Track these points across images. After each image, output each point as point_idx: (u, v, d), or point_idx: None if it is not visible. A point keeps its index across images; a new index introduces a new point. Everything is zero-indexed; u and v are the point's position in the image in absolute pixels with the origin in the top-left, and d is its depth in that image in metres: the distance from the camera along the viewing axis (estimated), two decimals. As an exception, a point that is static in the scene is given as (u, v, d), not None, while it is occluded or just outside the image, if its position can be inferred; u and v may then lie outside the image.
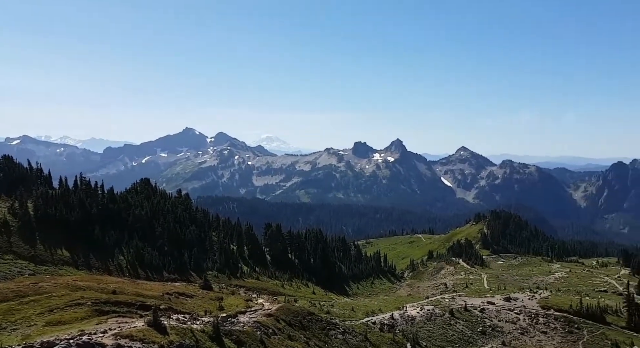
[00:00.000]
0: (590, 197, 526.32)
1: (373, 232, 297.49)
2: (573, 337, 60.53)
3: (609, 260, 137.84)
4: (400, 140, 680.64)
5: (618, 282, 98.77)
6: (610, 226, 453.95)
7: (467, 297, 74.46)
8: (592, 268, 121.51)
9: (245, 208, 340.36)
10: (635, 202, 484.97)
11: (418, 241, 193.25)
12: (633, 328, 65.53)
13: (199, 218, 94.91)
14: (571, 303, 68.15)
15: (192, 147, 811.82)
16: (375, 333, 50.37)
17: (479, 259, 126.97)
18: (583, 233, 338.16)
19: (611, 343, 58.68)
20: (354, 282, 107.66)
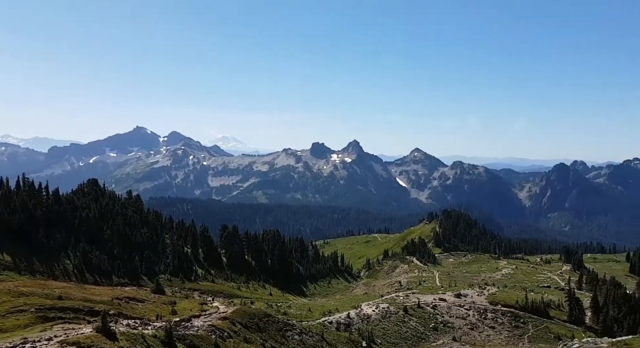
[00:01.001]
0: (535, 197, 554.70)
1: (331, 232, 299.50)
2: (519, 331, 63.64)
3: (552, 257, 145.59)
4: (357, 141, 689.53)
5: (560, 277, 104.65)
6: (553, 224, 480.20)
7: (420, 294, 76.55)
8: (536, 265, 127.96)
9: (201, 210, 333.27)
10: (575, 201, 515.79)
11: (374, 240, 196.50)
12: (574, 322, 69.69)
13: (150, 221, 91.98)
14: (517, 299, 71.58)
15: (143, 146, 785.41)
16: (332, 333, 50.83)
17: (432, 257, 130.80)
18: (528, 232, 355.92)
19: (554, 336, 62.07)
20: (311, 283, 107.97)
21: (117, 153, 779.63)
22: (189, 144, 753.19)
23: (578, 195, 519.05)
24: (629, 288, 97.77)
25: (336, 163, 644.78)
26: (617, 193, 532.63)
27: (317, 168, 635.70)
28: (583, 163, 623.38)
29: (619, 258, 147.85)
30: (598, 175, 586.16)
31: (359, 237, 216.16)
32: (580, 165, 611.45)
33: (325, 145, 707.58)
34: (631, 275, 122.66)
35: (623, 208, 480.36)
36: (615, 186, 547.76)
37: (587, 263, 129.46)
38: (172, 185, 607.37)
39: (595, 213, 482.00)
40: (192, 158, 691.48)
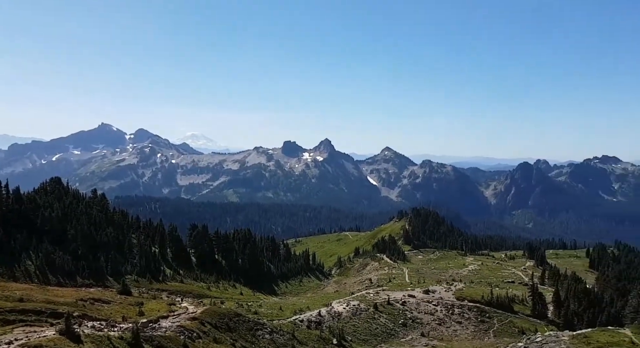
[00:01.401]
0: (500, 195, 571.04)
1: (302, 230, 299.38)
2: (485, 325, 65.47)
3: (516, 253, 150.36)
4: (329, 140, 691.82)
5: (524, 273, 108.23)
6: (517, 221, 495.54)
7: (390, 291, 77.61)
8: (501, 260, 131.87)
9: (169, 209, 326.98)
10: (538, 199, 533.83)
11: (345, 238, 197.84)
12: (537, 316, 72.23)
13: (116, 220, 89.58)
14: (483, 294, 73.58)
15: (109, 144, 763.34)
16: (303, 331, 50.93)
17: (401, 254, 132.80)
18: (493, 229, 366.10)
19: (518, 330, 64.14)
20: (282, 281, 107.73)
21: (82, 151, 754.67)
22: (157, 142, 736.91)
23: (541, 193, 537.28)
24: (589, 283, 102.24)
25: (308, 161, 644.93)
26: (577, 191, 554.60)
27: (288, 166, 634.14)
28: (546, 162, 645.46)
29: (579, 254, 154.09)
30: (560, 174, 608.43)
31: (330, 236, 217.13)
32: (543, 164, 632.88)
33: (297, 144, 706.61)
34: (591, 270, 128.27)
35: (583, 205, 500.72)
36: (576, 184, 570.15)
37: (550, 259, 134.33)
38: (139, 184, 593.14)
39: (557, 211, 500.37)
40: (160, 156, 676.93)
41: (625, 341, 36.01)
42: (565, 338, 38.17)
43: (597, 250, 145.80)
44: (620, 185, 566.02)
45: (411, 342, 54.64)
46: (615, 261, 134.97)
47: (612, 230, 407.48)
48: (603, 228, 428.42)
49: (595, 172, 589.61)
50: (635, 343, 35.85)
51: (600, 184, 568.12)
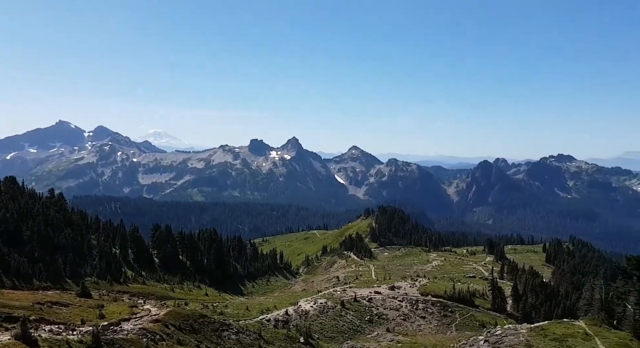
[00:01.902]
0: (461, 192, 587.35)
1: (270, 229, 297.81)
2: (447, 320, 67.21)
3: (477, 249, 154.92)
4: (297, 139, 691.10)
5: (484, 268, 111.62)
6: (478, 218, 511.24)
7: (357, 288, 78.41)
8: (463, 256, 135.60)
9: (130, 209, 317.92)
10: (498, 196, 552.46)
11: (313, 237, 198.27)
12: (496, 310, 74.71)
13: (75, 221, 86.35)
14: (446, 289, 75.48)
15: (66, 142, 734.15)
16: (270, 331, 50.74)
17: (368, 252, 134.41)
18: (455, 225, 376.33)
19: (479, 324, 66.13)
20: (249, 281, 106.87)
21: (38, 149, 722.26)
22: (117, 139, 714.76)
23: (500, 190, 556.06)
24: (545, 277, 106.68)
25: (275, 160, 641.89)
26: (534, 188, 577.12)
27: (255, 165, 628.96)
28: (504, 160, 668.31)
29: (536, 249, 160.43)
30: (517, 172, 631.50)
31: (298, 234, 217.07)
32: (502, 162, 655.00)
33: (264, 142, 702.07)
34: (547, 264, 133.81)
35: (540, 202, 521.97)
36: (533, 182, 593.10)
37: (508, 254, 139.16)
38: (99, 183, 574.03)
39: (515, 207, 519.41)
40: (120, 154, 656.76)
41: (580, 333, 37.79)
42: (524, 330, 39.69)
43: (553, 246, 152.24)
44: (575, 183, 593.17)
45: (377, 337, 55.45)
46: (570, 256, 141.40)
47: (567, 226, 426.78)
48: (558, 224, 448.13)
49: (551, 170, 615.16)
50: (588, 334, 37.65)
51: (556, 182, 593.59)
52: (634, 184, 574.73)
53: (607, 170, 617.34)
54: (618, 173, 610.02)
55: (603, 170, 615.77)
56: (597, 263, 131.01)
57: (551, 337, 36.60)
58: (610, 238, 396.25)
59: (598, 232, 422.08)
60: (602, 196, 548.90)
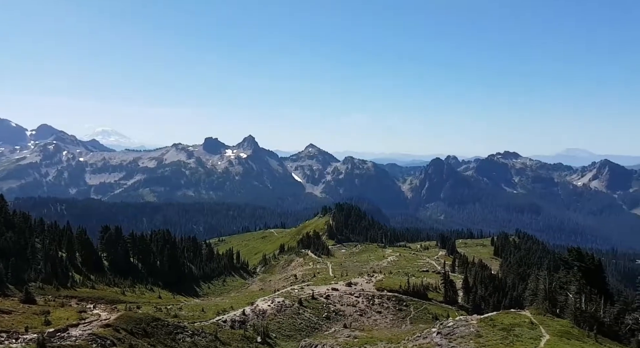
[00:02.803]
0: (415, 189, 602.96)
1: (226, 229, 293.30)
2: (402, 313, 68.88)
3: (430, 244, 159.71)
4: (253, 137, 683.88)
5: (437, 262, 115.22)
6: (431, 214, 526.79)
7: (314, 285, 78.79)
8: (417, 251, 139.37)
9: (77, 211, 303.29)
10: (449, 192, 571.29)
11: (270, 236, 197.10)
12: (448, 302, 77.33)
13: (17, 223, 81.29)
14: (401, 284, 77.31)
15: (7, 141, 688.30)
16: (226, 332, 50.03)
17: (325, 249, 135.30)
18: (410, 221, 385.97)
19: (432, 316, 68.22)
20: (205, 282, 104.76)
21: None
22: (62, 138, 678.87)
23: (451, 186, 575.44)
24: (494, 269, 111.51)
25: (231, 159, 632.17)
26: (483, 184, 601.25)
27: (210, 164, 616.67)
28: (455, 157, 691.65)
29: (485, 242, 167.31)
30: (467, 169, 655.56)
31: (255, 233, 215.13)
32: (453, 159, 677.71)
33: (219, 141, 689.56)
34: (495, 257, 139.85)
35: (488, 197, 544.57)
36: (481, 178, 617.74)
37: (459, 248, 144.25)
38: (43, 184, 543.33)
39: (466, 203, 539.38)
40: (65, 154, 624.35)
41: (526, 322, 39.80)
42: (474, 321, 41.31)
43: (500, 239, 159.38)
44: (520, 178, 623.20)
45: (334, 334, 55.96)
46: (516, 248, 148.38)
47: (513, 220, 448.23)
48: (505, 218, 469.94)
49: (498, 167, 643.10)
50: (534, 323, 39.74)
51: (503, 178, 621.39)
52: (574, 179, 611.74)
53: (550, 166, 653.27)
54: (559, 169, 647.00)
55: (546, 166, 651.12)
56: (541, 255, 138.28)
57: (499, 327, 38.33)
58: (553, 231, 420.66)
59: (542, 225, 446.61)
60: (545, 191, 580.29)
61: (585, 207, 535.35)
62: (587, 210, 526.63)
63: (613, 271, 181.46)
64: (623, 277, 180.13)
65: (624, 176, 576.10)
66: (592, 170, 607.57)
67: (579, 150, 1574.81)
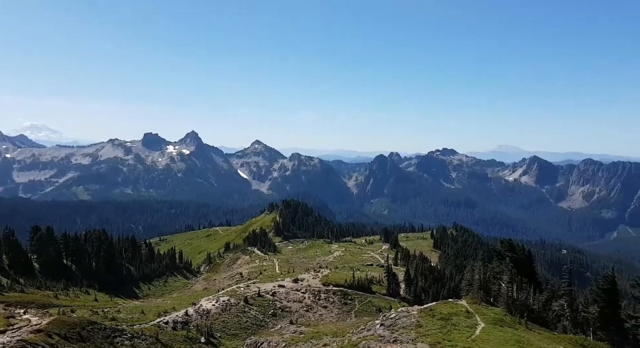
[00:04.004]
0: (360, 185, 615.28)
1: (168, 228, 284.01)
2: (347, 307, 70.08)
3: (374, 238, 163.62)
4: (196, 133, 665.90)
5: (380, 256, 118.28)
6: (375, 209, 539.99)
7: (261, 283, 78.19)
8: (361, 246, 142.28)
9: (4, 210, 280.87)
10: (392, 188, 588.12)
11: (215, 234, 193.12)
12: (391, 294, 79.62)
13: None
14: (346, 278, 78.62)
15: None
16: (168, 333, 48.52)
17: (272, 246, 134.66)
18: (355, 216, 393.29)
19: (376, 309, 69.94)
20: (145, 283, 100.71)
21: None
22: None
23: (394, 182, 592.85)
24: (433, 261, 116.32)
25: (173, 155, 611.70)
26: (423, 180, 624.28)
27: (150, 160, 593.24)
28: (397, 154, 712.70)
29: (425, 236, 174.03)
30: (409, 165, 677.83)
31: (199, 232, 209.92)
32: (396, 156, 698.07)
33: (160, 136, 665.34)
34: (435, 249, 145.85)
35: (428, 192, 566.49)
36: (422, 174, 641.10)
37: (402, 241, 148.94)
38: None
39: (407, 198, 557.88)
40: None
41: (462, 311, 41.77)
42: (415, 312, 42.78)
43: (439, 232, 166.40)
44: (457, 174, 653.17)
45: (280, 330, 55.88)
46: (454, 241, 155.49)
47: (451, 214, 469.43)
48: (444, 212, 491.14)
49: (437, 163, 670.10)
50: (470, 312, 41.79)
51: (441, 173, 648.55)
52: (505, 175, 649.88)
53: (484, 162, 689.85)
54: (492, 165, 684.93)
55: (480, 162, 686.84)
56: (476, 247, 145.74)
57: (438, 317, 39.96)
58: (487, 224, 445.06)
59: (477, 218, 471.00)
60: (479, 186, 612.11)
61: (516, 200, 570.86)
62: (518, 203, 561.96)
63: (541, 261, 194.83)
64: (550, 266, 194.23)
65: (551, 171, 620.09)
66: (522, 166, 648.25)
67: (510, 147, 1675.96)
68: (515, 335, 34.87)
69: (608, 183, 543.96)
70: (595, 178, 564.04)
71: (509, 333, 35.04)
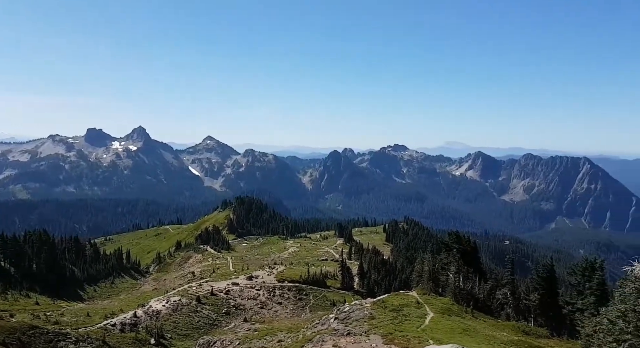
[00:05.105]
0: (315, 181, 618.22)
1: (114, 227, 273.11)
2: (302, 302, 70.43)
3: (329, 233, 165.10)
4: (144, 128, 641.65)
5: (335, 250, 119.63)
6: (330, 204, 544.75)
7: (214, 281, 76.95)
8: (316, 241, 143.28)
9: None
10: (346, 183, 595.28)
11: (165, 233, 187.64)
12: (345, 288, 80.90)
13: None
14: (301, 274, 78.96)
15: None
16: (116, 336, 46.77)
17: (226, 244, 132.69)
18: (310, 212, 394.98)
19: (330, 303, 70.80)
20: (90, 285, 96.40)
21: None
22: None
23: (348, 178, 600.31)
24: (386, 255, 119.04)
25: (119, 151, 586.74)
26: (376, 175, 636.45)
27: (94, 157, 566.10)
28: (351, 150, 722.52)
29: (378, 230, 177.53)
30: (362, 161, 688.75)
31: (148, 231, 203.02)
32: (349, 152, 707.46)
33: (105, 132, 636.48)
34: (387, 243, 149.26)
35: (381, 187, 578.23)
36: (375, 169, 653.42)
37: (355, 236, 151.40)
38: None
39: (361, 193, 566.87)
40: None
41: (413, 302, 43.08)
42: (368, 305, 43.63)
43: (391, 226, 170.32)
44: (407, 170, 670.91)
45: (234, 328, 55.30)
46: (405, 234, 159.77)
47: (402, 208, 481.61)
48: (395, 207, 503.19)
49: (388, 159, 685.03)
50: (420, 302, 43.17)
51: (393, 169, 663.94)
52: (452, 169, 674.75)
53: (432, 157, 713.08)
54: (440, 160, 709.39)
55: (429, 157, 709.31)
56: (426, 240, 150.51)
57: (390, 308, 40.98)
58: (436, 217, 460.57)
59: (426, 212, 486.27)
60: (428, 181, 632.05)
61: (462, 194, 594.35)
62: (464, 197, 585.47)
63: (486, 251, 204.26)
64: (494, 256, 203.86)
65: (494, 166, 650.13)
66: (468, 161, 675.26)
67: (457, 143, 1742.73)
68: (462, 323, 36.39)
69: (547, 177, 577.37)
70: (535, 172, 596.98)
71: (456, 322, 36.52)
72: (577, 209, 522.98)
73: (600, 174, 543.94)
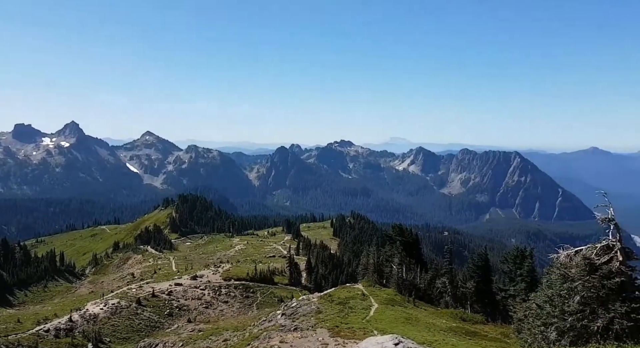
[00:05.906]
0: (262, 177, 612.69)
1: (46, 228, 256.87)
2: (249, 300, 69.83)
3: (277, 230, 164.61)
4: (77, 123, 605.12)
5: (283, 247, 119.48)
6: (277, 200, 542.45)
7: (155, 283, 74.46)
8: (264, 238, 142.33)
9: None
10: (294, 179, 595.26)
11: (102, 233, 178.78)
12: (293, 284, 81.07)
13: None
14: (248, 271, 78.19)
15: None
16: (50, 342, 44.14)
17: (168, 243, 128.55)
18: (258, 209, 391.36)
19: (277, 299, 70.67)
20: (20, 289, 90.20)
21: None
22: None
23: (295, 173, 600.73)
24: (333, 249, 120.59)
25: (50, 148, 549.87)
26: (323, 171, 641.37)
27: (23, 154, 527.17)
28: (298, 146, 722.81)
29: (325, 225, 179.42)
30: (310, 156, 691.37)
31: (83, 232, 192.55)
32: (297, 148, 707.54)
33: (34, 127, 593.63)
34: (334, 237, 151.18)
35: (328, 183, 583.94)
36: (322, 165, 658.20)
37: (304, 231, 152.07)
38: None
39: (309, 188, 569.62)
40: None
41: (359, 294, 44.04)
42: (315, 299, 44.04)
43: (338, 221, 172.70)
44: (354, 165, 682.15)
45: (177, 330, 53.77)
46: (351, 228, 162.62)
47: (349, 202, 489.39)
48: (342, 201, 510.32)
49: (335, 154, 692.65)
50: (365, 294, 44.20)
51: (339, 164, 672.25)
52: (396, 165, 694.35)
53: (377, 153, 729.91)
54: (385, 155, 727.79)
55: (374, 153, 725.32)
56: (371, 233, 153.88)
57: (337, 302, 41.65)
58: (381, 211, 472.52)
59: (372, 206, 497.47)
60: (374, 176, 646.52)
61: (405, 188, 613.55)
62: (407, 191, 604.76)
63: (427, 242, 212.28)
64: (434, 247, 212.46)
65: (434, 161, 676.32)
66: (410, 157, 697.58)
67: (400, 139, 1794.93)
68: (404, 312, 37.69)
69: (481, 170, 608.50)
70: (471, 166, 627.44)
71: (399, 312, 37.77)
72: (508, 201, 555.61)
73: (530, 167, 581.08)
